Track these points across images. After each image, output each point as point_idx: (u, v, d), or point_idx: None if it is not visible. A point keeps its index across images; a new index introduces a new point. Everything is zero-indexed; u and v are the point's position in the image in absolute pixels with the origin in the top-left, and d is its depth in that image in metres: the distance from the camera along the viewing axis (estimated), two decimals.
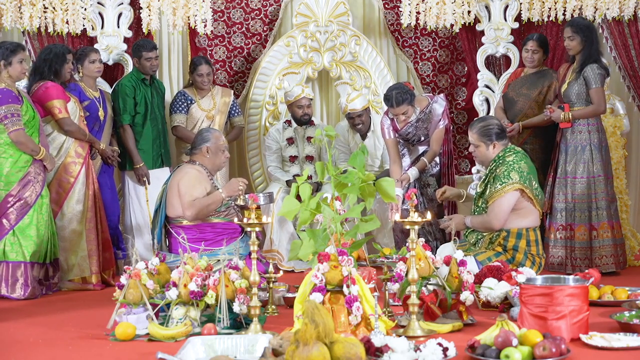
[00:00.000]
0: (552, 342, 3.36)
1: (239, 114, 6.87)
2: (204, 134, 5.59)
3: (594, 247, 5.85)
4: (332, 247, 3.91)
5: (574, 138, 5.91)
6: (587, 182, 5.88)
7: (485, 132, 5.29)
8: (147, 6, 6.60)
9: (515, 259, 5.15)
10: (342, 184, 4.37)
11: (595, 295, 4.59)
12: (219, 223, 5.46)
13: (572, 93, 5.88)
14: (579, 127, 5.90)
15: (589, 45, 5.85)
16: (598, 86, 5.81)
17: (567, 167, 5.92)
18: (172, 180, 5.48)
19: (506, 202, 5.11)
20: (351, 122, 6.65)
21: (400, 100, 5.92)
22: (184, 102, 6.65)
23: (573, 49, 5.92)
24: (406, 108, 5.95)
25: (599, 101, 5.83)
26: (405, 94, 5.94)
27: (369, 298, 3.84)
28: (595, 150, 5.88)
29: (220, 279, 4.14)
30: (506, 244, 5.18)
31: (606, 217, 5.87)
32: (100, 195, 5.95)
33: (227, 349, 3.61)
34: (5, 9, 6.46)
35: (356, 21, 7.24)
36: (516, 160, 5.17)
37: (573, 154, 5.90)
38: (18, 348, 3.98)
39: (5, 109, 5.35)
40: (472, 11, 6.76)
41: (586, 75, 5.82)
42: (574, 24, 5.95)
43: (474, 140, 5.33)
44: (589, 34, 5.86)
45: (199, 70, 6.63)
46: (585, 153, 5.88)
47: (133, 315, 4.20)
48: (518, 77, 6.43)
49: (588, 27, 5.90)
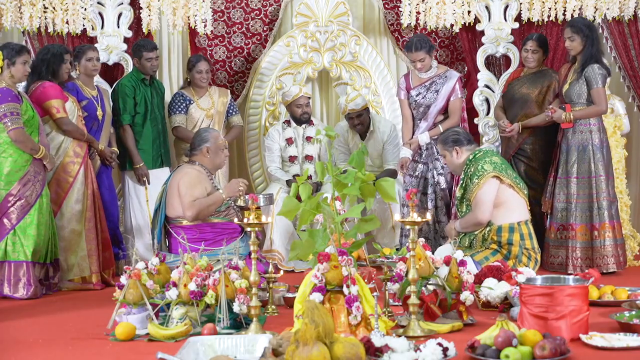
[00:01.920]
0: (552, 342, 3.36)
1: (237, 113, 6.87)
2: (202, 135, 5.59)
3: (595, 247, 5.85)
4: (332, 247, 3.92)
5: (575, 138, 5.91)
6: (589, 182, 5.88)
7: (443, 140, 5.54)
8: (147, 6, 6.60)
9: (511, 253, 5.18)
10: (342, 184, 4.37)
11: (595, 295, 4.59)
12: (219, 223, 5.47)
13: (573, 93, 5.88)
14: (580, 127, 5.90)
15: (590, 46, 5.85)
16: (599, 86, 5.81)
17: (568, 167, 5.92)
18: (172, 180, 5.48)
19: (487, 192, 5.20)
20: (350, 122, 6.65)
21: (419, 47, 6.23)
22: (183, 103, 6.65)
23: (574, 50, 5.92)
24: (423, 55, 6.26)
25: (600, 101, 5.83)
26: (425, 42, 6.28)
27: (369, 298, 3.84)
28: (596, 150, 5.87)
29: (220, 279, 4.14)
30: (500, 240, 5.22)
31: (607, 217, 5.87)
32: (100, 195, 5.95)
33: (227, 349, 3.61)
34: (5, 9, 6.46)
35: (356, 21, 7.24)
36: (487, 155, 5.34)
37: (574, 153, 5.90)
38: (18, 348, 3.98)
39: (5, 107, 5.34)
40: (472, 11, 6.75)
41: (587, 75, 5.81)
42: (573, 24, 5.94)
43: (440, 150, 5.68)
44: (589, 34, 5.85)
45: (198, 67, 6.63)
46: (586, 153, 5.88)
47: (133, 315, 4.21)
48: (518, 76, 6.43)
49: (588, 27, 5.90)
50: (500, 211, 5.25)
